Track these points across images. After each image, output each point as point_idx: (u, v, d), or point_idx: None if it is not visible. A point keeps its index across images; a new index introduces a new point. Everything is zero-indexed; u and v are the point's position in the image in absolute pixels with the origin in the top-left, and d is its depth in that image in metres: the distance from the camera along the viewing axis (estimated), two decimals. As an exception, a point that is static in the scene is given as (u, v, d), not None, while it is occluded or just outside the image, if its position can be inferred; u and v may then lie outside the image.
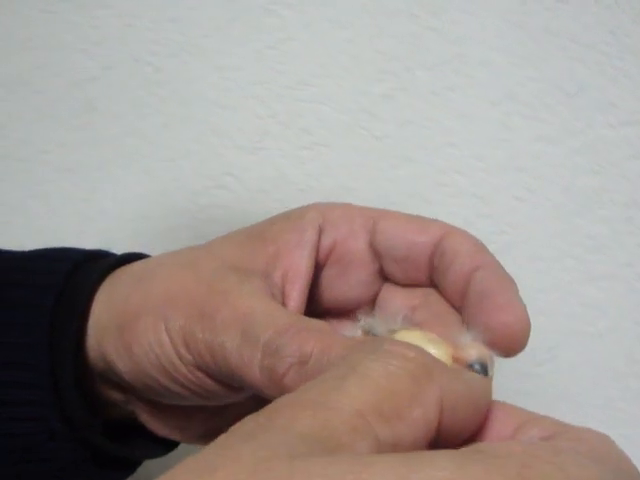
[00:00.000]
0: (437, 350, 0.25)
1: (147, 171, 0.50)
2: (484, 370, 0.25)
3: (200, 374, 0.28)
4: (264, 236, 0.30)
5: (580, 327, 0.48)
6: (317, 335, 0.25)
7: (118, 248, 0.52)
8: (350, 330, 0.28)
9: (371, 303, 0.31)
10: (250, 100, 0.48)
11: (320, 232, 0.30)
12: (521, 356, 0.46)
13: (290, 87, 0.47)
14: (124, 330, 0.29)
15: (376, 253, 0.30)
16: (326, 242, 0.30)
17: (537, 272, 0.47)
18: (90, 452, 0.31)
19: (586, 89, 0.45)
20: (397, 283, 0.30)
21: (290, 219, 0.30)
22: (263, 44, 0.47)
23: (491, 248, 0.47)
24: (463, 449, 0.17)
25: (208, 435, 0.32)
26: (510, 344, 0.26)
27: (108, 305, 0.30)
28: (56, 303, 0.30)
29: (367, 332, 0.27)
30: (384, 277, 0.31)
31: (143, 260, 0.32)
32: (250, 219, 0.41)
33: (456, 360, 0.25)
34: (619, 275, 0.47)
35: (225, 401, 0.30)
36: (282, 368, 0.25)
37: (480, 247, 0.29)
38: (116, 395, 0.32)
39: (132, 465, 0.34)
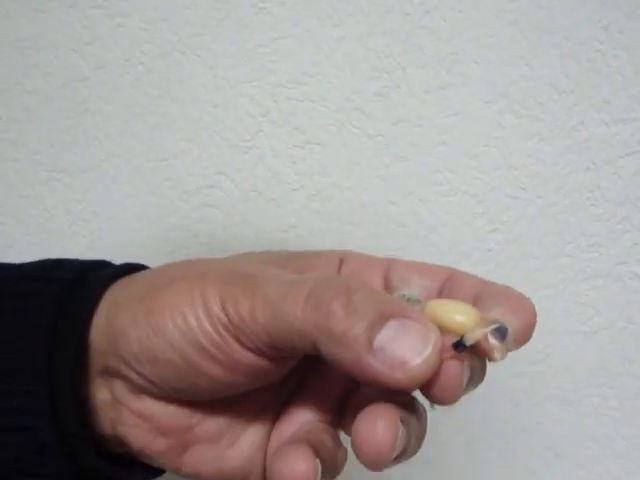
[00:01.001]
0: (467, 316, 0.26)
1: (139, 171, 0.50)
2: (502, 334, 0.27)
3: (230, 339, 0.27)
4: (291, 258, 0.32)
5: (574, 326, 0.47)
6: (362, 281, 0.29)
7: (111, 248, 0.52)
8: None
9: None
10: (242, 99, 0.48)
11: (341, 264, 0.32)
12: (515, 355, 0.46)
13: (282, 85, 0.47)
14: (147, 297, 0.28)
15: (389, 290, 0.31)
16: (345, 271, 0.32)
17: (531, 271, 0.47)
18: (81, 470, 0.30)
19: (580, 87, 0.45)
20: None
21: (319, 255, 0.33)
22: (255, 42, 0.47)
23: (485, 246, 0.47)
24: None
25: (189, 450, 0.31)
26: (522, 339, 0.27)
27: (125, 290, 0.29)
28: (58, 310, 0.29)
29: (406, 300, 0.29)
30: None
31: (154, 268, 0.32)
32: (243, 218, 0.41)
33: (482, 322, 0.26)
34: (613, 273, 0.47)
35: (253, 382, 0.29)
36: (329, 295, 0.26)
37: (485, 280, 0.30)
38: (104, 395, 0.30)
39: None
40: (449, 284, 0.30)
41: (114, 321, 0.29)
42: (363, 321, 0.25)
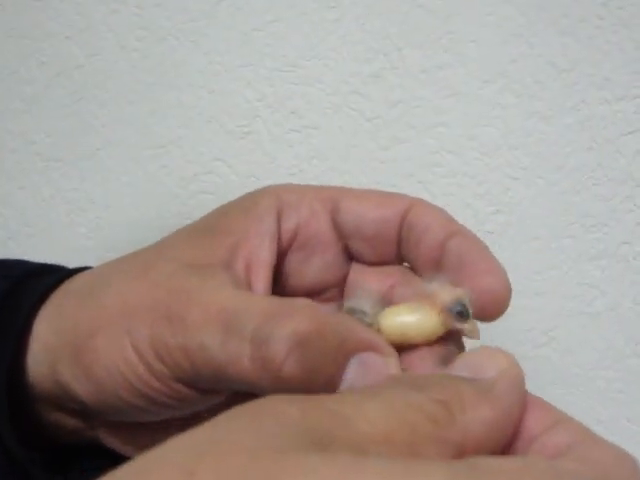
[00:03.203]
0: (422, 315, 0.25)
1: (136, 158, 0.50)
2: (464, 307, 0.25)
3: (176, 384, 0.26)
4: (219, 228, 0.28)
5: (578, 307, 0.47)
6: (309, 314, 0.24)
7: (109, 237, 0.51)
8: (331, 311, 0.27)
9: (339, 285, 0.30)
10: (238, 84, 0.47)
11: (279, 218, 0.28)
12: (519, 338, 0.46)
13: (278, 69, 0.47)
14: (80, 351, 0.27)
15: (341, 233, 0.29)
16: (288, 227, 0.29)
17: (534, 252, 0.46)
18: None
19: (579, 64, 0.44)
20: (365, 262, 0.29)
21: (244, 208, 0.29)
22: (249, 26, 0.47)
23: (487, 228, 0.46)
24: (459, 462, 0.17)
25: None
26: (493, 308, 0.25)
27: (56, 326, 0.28)
28: None
29: (352, 313, 0.26)
30: (350, 257, 0.30)
31: (86, 272, 0.30)
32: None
33: (440, 312, 0.25)
34: (617, 253, 0.46)
35: (199, 408, 0.28)
36: (280, 355, 0.23)
37: (448, 217, 0.28)
38: (74, 422, 0.30)
39: None
40: (410, 225, 0.28)
41: (56, 373, 0.28)
42: (321, 376, 0.23)
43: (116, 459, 0.31)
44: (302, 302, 0.25)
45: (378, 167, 0.46)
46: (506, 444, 0.20)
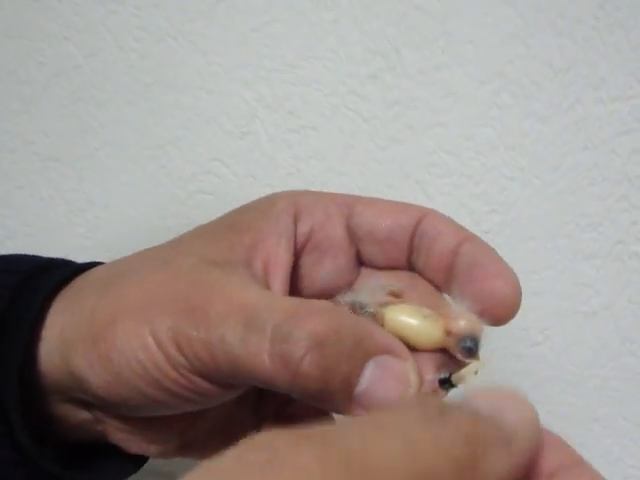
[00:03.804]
0: (428, 324, 0.26)
1: (134, 159, 0.50)
2: (475, 345, 0.25)
3: (193, 377, 0.26)
4: (237, 227, 0.29)
5: (574, 306, 0.47)
6: (328, 315, 0.24)
7: (108, 237, 0.51)
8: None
9: (348, 288, 0.30)
10: (236, 84, 0.47)
11: (296, 219, 0.29)
12: (515, 337, 0.46)
13: (276, 70, 0.47)
14: (98, 340, 0.27)
15: (354, 237, 0.29)
16: (303, 229, 0.29)
17: (530, 251, 0.47)
18: (43, 477, 0.29)
19: (576, 65, 0.44)
20: (375, 266, 0.30)
21: (261, 209, 0.29)
22: (248, 27, 0.47)
23: (483, 228, 0.47)
24: None
25: (185, 447, 0.31)
26: (503, 311, 0.26)
27: (72, 317, 0.28)
28: (0, 321, 0.27)
29: (353, 307, 0.27)
30: (361, 262, 0.30)
31: (101, 267, 0.30)
32: (239, 204, 0.41)
33: (448, 333, 0.25)
34: (612, 253, 0.46)
35: (214, 403, 0.28)
36: (298, 353, 0.23)
37: (460, 226, 0.29)
38: (83, 415, 0.30)
39: None
40: (423, 232, 0.28)
41: (70, 362, 0.28)
42: (338, 376, 0.24)
43: (125, 457, 0.31)
44: (322, 303, 0.26)
45: (376, 167, 0.47)
46: None
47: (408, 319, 0.26)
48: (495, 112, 0.45)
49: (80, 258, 0.33)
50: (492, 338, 0.27)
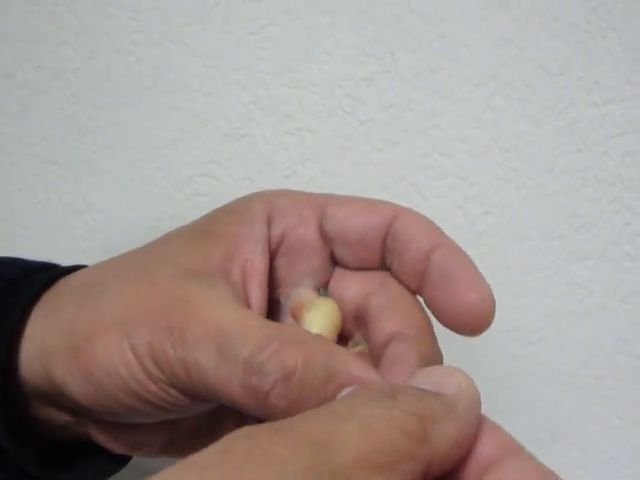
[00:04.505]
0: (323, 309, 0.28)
1: (132, 161, 0.50)
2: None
3: (172, 391, 0.26)
4: (212, 233, 0.29)
5: (567, 307, 0.48)
6: (299, 347, 0.24)
7: (105, 239, 0.52)
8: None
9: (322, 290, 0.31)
10: (233, 87, 0.48)
11: (269, 223, 0.29)
12: (509, 337, 0.46)
13: (272, 73, 0.47)
14: (78, 353, 0.27)
15: (327, 238, 0.29)
16: (276, 232, 0.29)
17: (523, 253, 0.47)
18: (26, 479, 0.29)
19: (569, 68, 0.45)
20: (348, 267, 0.30)
21: (235, 213, 0.29)
22: (245, 30, 0.47)
23: (477, 229, 0.47)
24: None
25: (169, 447, 0.31)
26: (477, 323, 0.26)
27: (53, 326, 0.28)
28: None
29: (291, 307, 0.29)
30: (335, 262, 0.30)
31: (82, 271, 0.31)
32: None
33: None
34: (606, 254, 0.47)
35: (193, 413, 0.28)
36: (266, 386, 0.24)
37: (434, 227, 0.28)
38: (65, 417, 0.30)
39: None
40: (395, 234, 0.28)
41: (50, 372, 0.28)
42: (306, 409, 0.23)
43: (109, 456, 0.32)
44: (297, 333, 0.26)
45: (371, 169, 0.47)
46: (458, 466, 0.21)
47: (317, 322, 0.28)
48: (489, 114, 0.46)
49: (78, 260, 0.33)
50: (486, 339, 0.28)
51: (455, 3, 0.45)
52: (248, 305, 0.28)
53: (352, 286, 0.30)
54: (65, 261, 0.33)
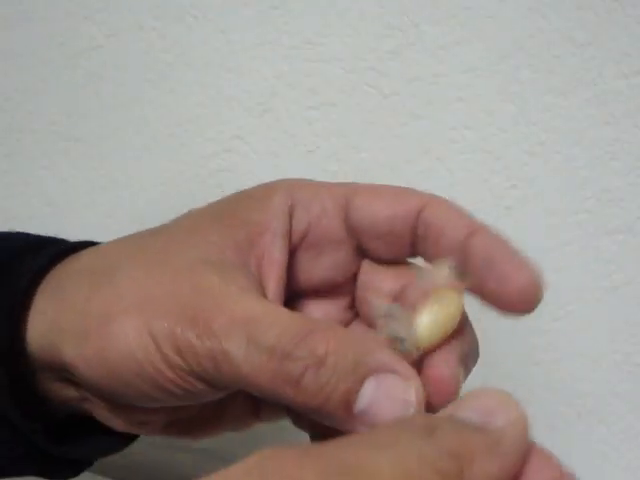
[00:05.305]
0: (445, 304, 0.26)
1: (155, 137, 0.50)
2: (458, 270, 0.26)
3: (191, 379, 0.26)
4: (232, 218, 0.28)
5: (595, 282, 0.47)
6: (329, 335, 0.25)
7: (129, 216, 0.52)
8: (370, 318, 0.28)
9: (349, 282, 0.30)
10: (256, 62, 0.48)
11: (291, 216, 0.29)
12: (537, 312, 0.46)
13: (295, 47, 0.47)
14: (92, 335, 0.27)
15: (353, 230, 0.29)
16: (299, 227, 0.29)
17: (550, 227, 0.46)
18: (36, 453, 0.30)
19: (597, 38, 0.44)
20: (377, 259, 0.30)
21: (257, 198, 0.29)
22: (267, 4, 0.47)
23: (504, 203, 0.47)
24: None
25: (171, 426, 0.31)
26: (529, 302, 0.26)
27: (63, 304, 0.28)
28: None
29: (393, 340, 0.26)
30: (362, 254, 0.30)
31: (93, 249, 0.30)
32: (259, 181, 0.41)
33: (451, 288, 0.26)
34: (634, 228, 0.46)
35: (207, 400, 0.28)
36: (297, 371, 0.24)
37: (465, 212, 0.28)
38: (70, 393, 0.30)
39: (87, 461, 0.32)
40: (427, 222, 0.27)
41: (60, 351, 0.28)
42: (337, 392, 0.24)
43: (112, 434, 0.32)
44: (324, 322, 0.26)
45: (396, 144, 0.47)
46: None
47: (436, 320, 0.26)
48: (516, 87, 0.45)
49: (102, 237, 0.33)
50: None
51: (480, -26, 0.44)
52: (265, 297, 0.28)
53: (387, 280, 0.29)
54: (90, 237, 0.33)
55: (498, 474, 0.20)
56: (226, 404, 0.31)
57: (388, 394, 0.24)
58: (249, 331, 0.25)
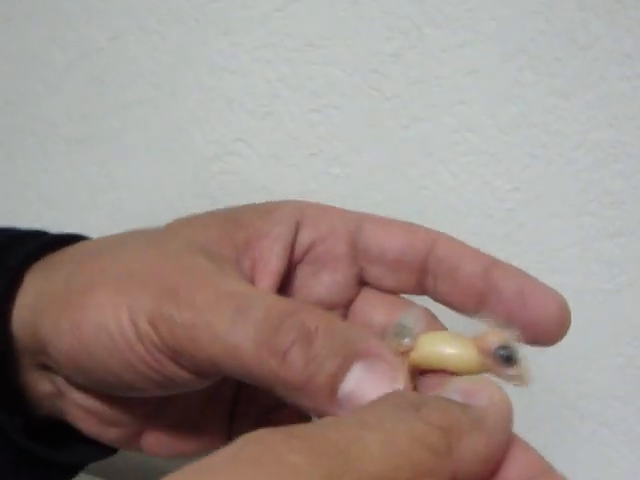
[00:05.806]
0: (463, 350, 0.25)
1: (157, 140, 0.50)
2: (510, 351, 0.24)
3: (163, 357, 0.25)
4: (234, 221, 0.28)
5: (598, 284, 0.47)
6: (318, 314, 0.24)
7: (131, 218, 0.52)
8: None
9: (345, 308, 0.30)
10: (258, 64, 0.48)
11: (297, 228, 0.29)
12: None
13: (298, 50, 0.47)
14: (70, 306, 0.26)
15: (359, 256, 0.29)
16: (304, 240, 0.29)
17: (553, 229, 0.46)
18: (24, 457, 0.29)
19: (600, 41, 0.44)
20: (382, 288, 0.29)
21: (264, 208, 0.29)
22: (270, 7, 0.47)
23: (506, 206, 0.47)
24: None
25: (145, 436, 0.30)
26: (560, 330, 0.27)
27: (48, 281, 0.28)
28: None
29: (400, 329, 0.26)
30: (363, 282, 0.30)
31: (88, 241, 0.30)
32: (262, 184, 0.41)
33: (482, 351, 0.24)
34: (637, 230, 0.46)
35: (178, 390, 0.27)
36: (285, 344, 0.23)
37: (475, 248, 0.28)
38: (47, 387, 0.29)
39: (74, 467, 0.32)
40: (440, 257, 0.28)
41: (40, 327, 0.27)
42: (324, 370, 0.23)
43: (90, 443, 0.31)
44: (313, 306, 0.26)
45: (398, 146, 0.47)
46: None
47: (443, 349, 0.25)
48: (518, 89, 0.45)
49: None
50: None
51: (483, -24, 0.44)
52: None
53: (380, 310, 0.29)
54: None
55: (485, 451, 0.20)
56: (209, 421, 0.31)
57: (375, 379, 0.23)
58: (236, 302, 0.24)
